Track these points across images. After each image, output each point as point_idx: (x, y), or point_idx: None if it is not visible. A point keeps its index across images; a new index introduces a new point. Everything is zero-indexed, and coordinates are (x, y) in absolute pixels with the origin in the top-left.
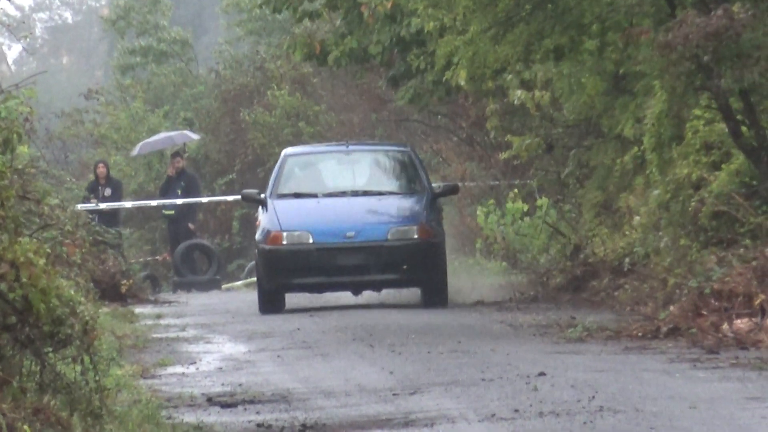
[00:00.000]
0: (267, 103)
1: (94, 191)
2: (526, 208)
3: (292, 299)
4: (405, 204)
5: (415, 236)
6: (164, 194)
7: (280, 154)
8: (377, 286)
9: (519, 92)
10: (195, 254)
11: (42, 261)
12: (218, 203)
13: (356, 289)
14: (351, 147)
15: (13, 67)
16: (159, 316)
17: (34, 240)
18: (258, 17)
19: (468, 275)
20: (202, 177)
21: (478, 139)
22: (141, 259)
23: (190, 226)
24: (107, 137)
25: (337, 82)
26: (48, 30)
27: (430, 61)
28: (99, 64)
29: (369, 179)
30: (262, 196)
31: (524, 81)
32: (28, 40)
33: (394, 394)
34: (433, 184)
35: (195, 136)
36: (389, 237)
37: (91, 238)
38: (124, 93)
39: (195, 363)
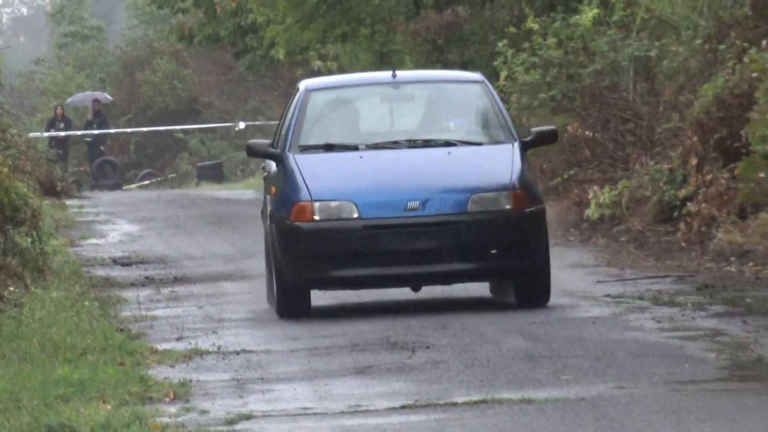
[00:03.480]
0: (153, 68)
1: (52, 125)
2: None
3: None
4: (488, 159)
5: (508, 206)
6: (86, 128)
7: (178, 98)
8: (451, 280)
9: (318, 62)
10: (105, 167)
11: (5, 169)
12: (121, 133)
13: (419, 284)
14: (400, 77)
15: None
16: (81, 207)
17: (0, 156)
18: (148, 12)
19: None
20: (110, 116)
21: (291, 92)
22: (71, 170)
23: (102, 148)
24: (49, 90)
25: (199, 54)
26: (10, 19)
27: (260, 42)
28: (44, 43)
29: (430, 123)
30: (275, 149)
31: (321, 55)
32: None
33: (234, 259)
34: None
35: (109, 98)
36: (470, 208)
37: (37, 155)
38: (60, 61)
39: (105, 237)
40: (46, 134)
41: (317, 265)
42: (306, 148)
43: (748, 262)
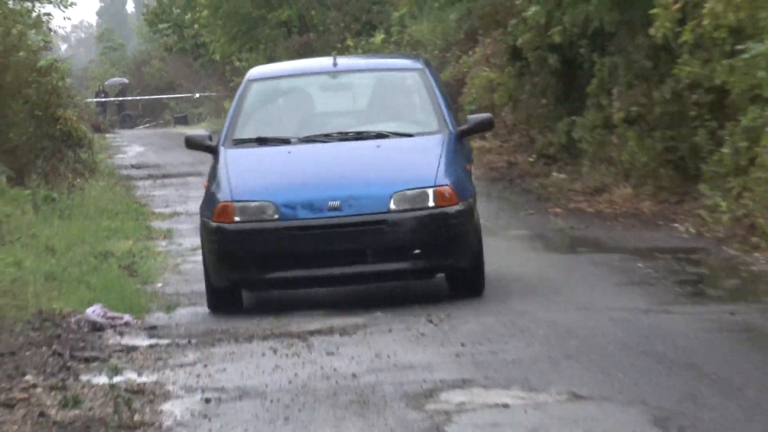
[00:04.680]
0: (151, 65)
1: (98, 95)
2: None
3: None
4: (415, 151)
5: (430, 203)
6: (117, 96)
7: (164, 81)
8: (379, 279)
9: (238, 62)
10: (126, 117)
11: (75, 117)
12: (134, 99)
13: (347, 284)
14: (340, 65)
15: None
16: (113, 138)
17: (71, 111)
18: (148, 35)
19: None
20: (128, 91)
21: (224, 81)
22: (108, 118)
23: (124, 107)
24: (96, 77)
25: (175, 58)
26: (76, 40)
27: (207, 51)
28: (94, 52)
29: (367, 113)
30: (211, 142)
31: (239, 58)
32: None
33: (194, 165)
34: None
35: (127, 81)
36: (392, 206)
37: (90, 111)
38: (102, 62)
39: (126, 153)
40: (94, 100)
41: (242, 267)
42: (240, 142)
43: None
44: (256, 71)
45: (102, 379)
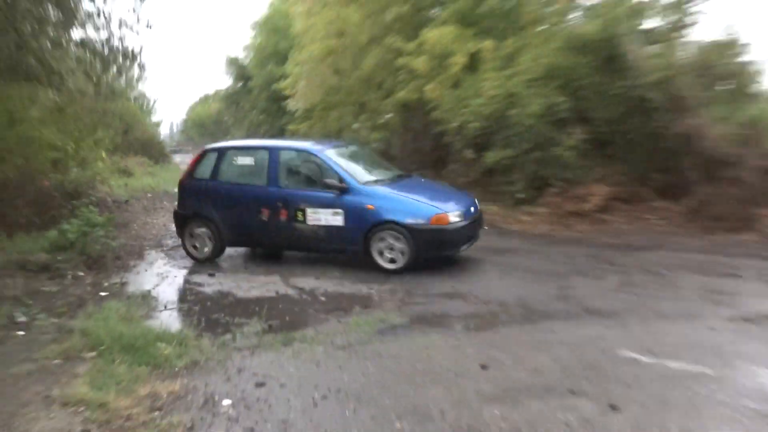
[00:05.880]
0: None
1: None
2: None
3: None
4: (436, 185)
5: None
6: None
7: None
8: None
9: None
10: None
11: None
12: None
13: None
14: (332, 143)
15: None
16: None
17: None
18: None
19: None
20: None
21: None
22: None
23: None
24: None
25: (218, 129)
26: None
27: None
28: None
29: (379, 164)
30: (341, 184)
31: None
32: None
33: None
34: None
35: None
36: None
37: None
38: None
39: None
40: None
41: (449, 247)
42: (367, 183)
43: None
44: (312, 146)
45: None
